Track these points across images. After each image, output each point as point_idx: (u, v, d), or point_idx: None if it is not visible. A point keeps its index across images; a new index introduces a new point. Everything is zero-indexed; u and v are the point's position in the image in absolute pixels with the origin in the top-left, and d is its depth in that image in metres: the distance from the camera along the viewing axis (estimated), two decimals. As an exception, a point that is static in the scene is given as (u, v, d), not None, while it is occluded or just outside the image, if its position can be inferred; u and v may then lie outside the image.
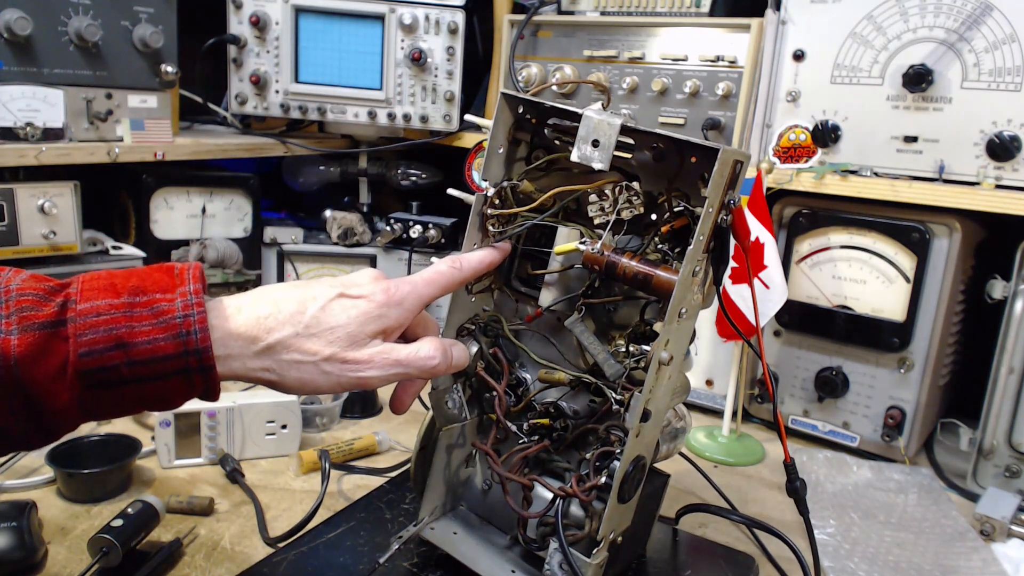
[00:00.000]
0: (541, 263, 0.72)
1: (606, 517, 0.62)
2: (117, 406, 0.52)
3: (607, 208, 0.66)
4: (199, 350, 0.51)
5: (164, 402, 0.53)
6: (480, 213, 0.67)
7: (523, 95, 0.67)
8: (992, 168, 0.98)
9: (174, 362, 0.51)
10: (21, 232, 1.02)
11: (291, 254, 1.37)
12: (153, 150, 1.14)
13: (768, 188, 1.05)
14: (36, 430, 0.51)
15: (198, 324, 0.51)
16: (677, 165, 0.64)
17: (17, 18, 0.97)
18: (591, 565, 0.62)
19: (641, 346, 0.66)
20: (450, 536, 0.74)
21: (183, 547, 0.77)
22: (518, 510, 0.69)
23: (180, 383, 0.52)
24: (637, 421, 0.60)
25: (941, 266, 1.02)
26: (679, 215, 0.64)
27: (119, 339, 0.50)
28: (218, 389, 0.54)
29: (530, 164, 0.70)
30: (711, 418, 1.21)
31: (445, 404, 0.70)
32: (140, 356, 0.50)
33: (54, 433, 0.52)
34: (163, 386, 0.52)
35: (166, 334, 0.51)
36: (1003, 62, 0.96)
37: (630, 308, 0.70)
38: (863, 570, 0.81)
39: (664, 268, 0.62)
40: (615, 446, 0.65)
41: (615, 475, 0.61)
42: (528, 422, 0.71)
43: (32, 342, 0.49)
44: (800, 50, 1.09)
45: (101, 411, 0.52)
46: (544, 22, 1.30)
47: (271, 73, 1.32)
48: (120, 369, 0.50)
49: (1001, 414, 0.99)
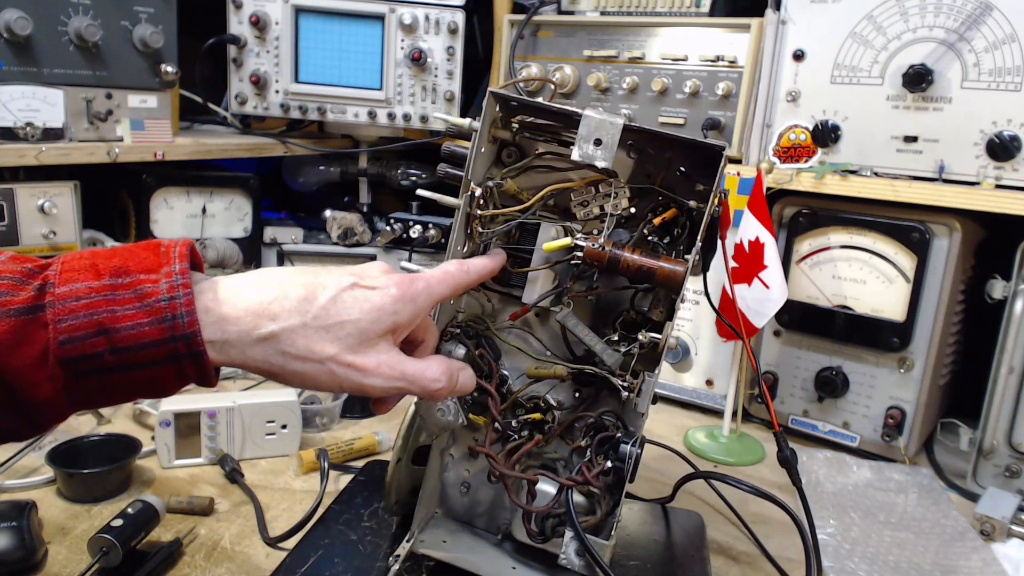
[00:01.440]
0: (521, 261, 0.72)
1: (621, 499, 0.65)
2: (106, 395, 0.49)
3: (592, 204, 0.68)
4: (186, 335, 0.47)
5: (156, 390, 0.50)
6: (467, 213, 0.68)
7: (511, 93, 0.67)
8: (992, 168, 0.98)
9: (161, 348, 0.47)
10: (21, 232, 1.02)
11: (291, 254, 1.37)
12: (153, 150, 1.14)
13: (768, 188, 1.05)
14: (22, 422, 0.48)
15: (184, 307, 0.48)
16: (663, 161, 0.67)
17: (17, 18, 0.97)
18: (608, 547, 0.65)
19: (635, 334, 0.68)
20: (441, 545, 0.74)
21: (183, 547, 0.77)
22: (523, 506, 0.69)
23: (170, 371, 0.48)
24: (649, 403, 0.64)
25: (941, 266, 1.02)
26: (667, 208, 0.67)
27: (100, 324, 0.46)
28: (211, 375, 0.50)
29: (502, 163, 0.71)
30: (711, 418, 1.21)
31: (437, 411, 0.69)
32: (124, 343, 0.47)
33: (41, 425, 0.49)
34: (152, 373, 0.48)
35: (150, 318, 0.47)
36: (1003, 62, 0.96)
37: (613, 298, 0.72)
38: (863, 570, 0.81)
39: (665, 259, 0.65)
40: (610, 431, 0.68)
41: (627, 457, 0.64)
42: (519, 418, 0.72)
43: (7, 329, 0.46)
44: (800, 50, 1.09)
45: (89, 400, 0.49)
46: (544, 22, 1.30)
47: (271, 73, 1.32)
48: (104, 357, 0.47)
49: (1001, 414, 0.99)
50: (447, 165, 0.69)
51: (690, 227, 0.68)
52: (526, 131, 0.68)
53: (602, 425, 0.70)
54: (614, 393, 0.69)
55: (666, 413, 1.22)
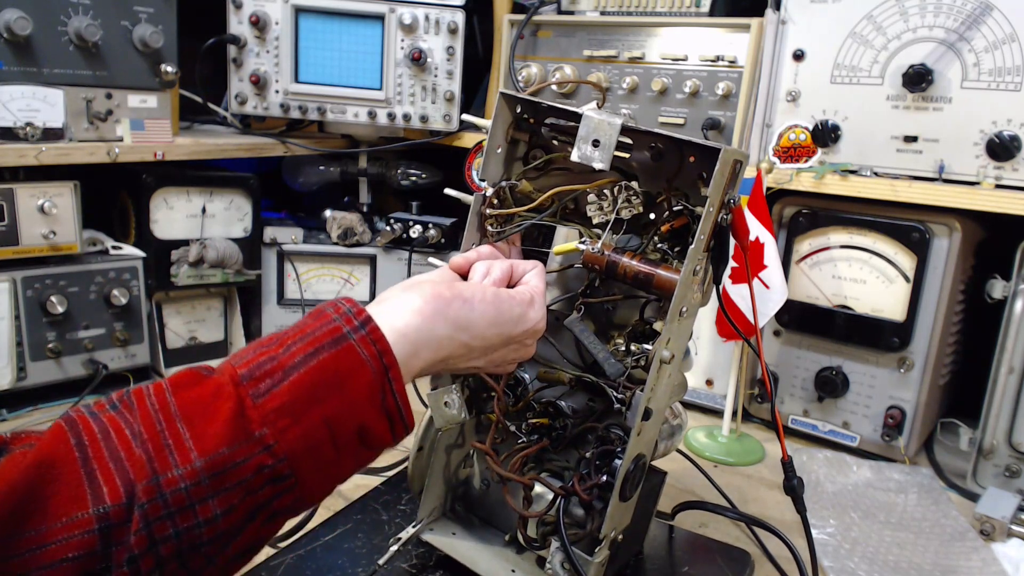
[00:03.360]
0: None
1: (608, 515, 0.62)
2: (288, 408, 0.46)
3: (606, 208, 0.66)
4: (348, 309, 0.50)
5: (336, 385, 0.47)
6: (478, 213, 0.67)
7: (522, 95, 0.67)
8: (992, 168, 0.98)
9: (328, 330, 0.49)
10: (21, 232, 1.02)
11: (291, 254, 1.37)
12: (153, 150, 1.13)
13: (768, 188, 1.05)
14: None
15: (357, 316, 0.50)
16: (676, 165, 0.64)
17: (17, 18, 0.97)
18: (593, 564, 0.63)
19: (642, 345, 0.67)
20: (449, 537, 0.74)
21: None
22: (519, 509, 0.69)
23: (344, 354, 0.48)
24: (639, 420, 0.60)
25: (941, 266, 1.02)
26: (678, 214, 0.64)
27: (268, 342, 0.49)
28: (392, 355, 0.50)
29: (527, 164, 0.70)
30: (711, 418, 1.21)
31: (444, 404, 0.70)
32: (292, 339, 0.48)
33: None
34: (327, 361, 0.47)
35: (317, 321, 0.50)
36: (1003, 62, 0.96)
37: (628, 307, 0.70)
38: (863, 570, 0.81)
39: (665, 267, 0.62)
40: (615, 444, 0.65)
41: (617, 474, 0.62)
42: (527, 421, 0.71)
43: (185, 375, 0.47)
44: (800, 50, 1.09)
45: (272, 424, 0.45)
46: (544, 22, 1.30)
47: (271, 73, 1.32)
48: (277, 358, 0.47)
49: (1001, 414, 0.99)
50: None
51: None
52: (543, 130, 0.66)
53: (608, 438, 0.68)
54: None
55: (666, 413, 1.22)
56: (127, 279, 1.13)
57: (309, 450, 0.46)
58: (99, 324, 1.11)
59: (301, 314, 1.23)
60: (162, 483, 0.42)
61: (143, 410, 0.45)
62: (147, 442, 0.43)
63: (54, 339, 1.06)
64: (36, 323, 1.05)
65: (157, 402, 0.45)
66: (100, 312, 1.11)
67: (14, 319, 1.02)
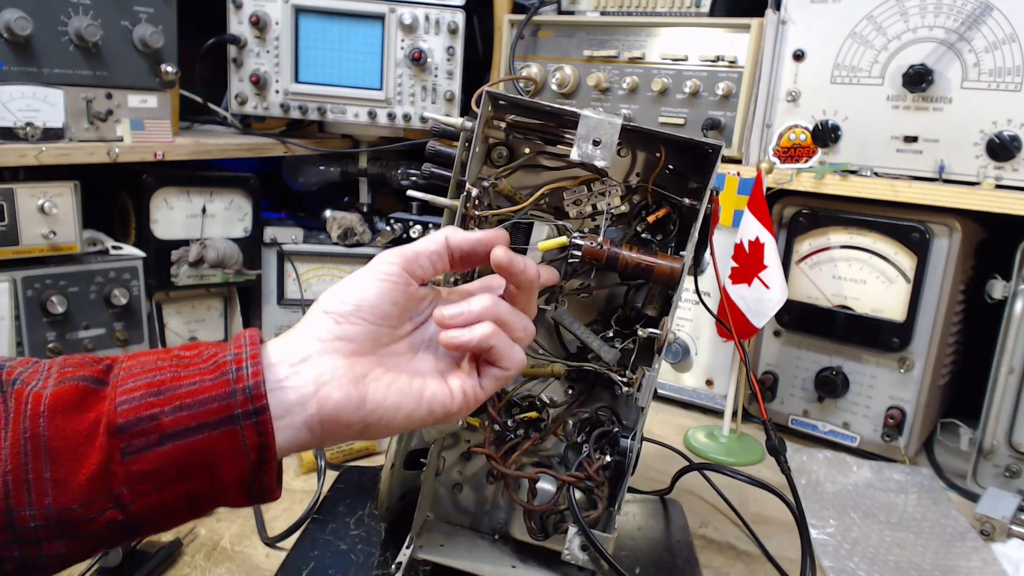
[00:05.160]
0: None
1: (623, 491, 0.66)
2: (154, 475, 0.45)
3: (586, 202, 0.69)
4: (248, 387, 0.46)
5: (208, 467, 0.46)
6: (463, 214, 0.68)
7: (510, 95, 0.67)
8: (992, 168, 0.98)
9: (219, 405, 0.46)
10: (21, 232, 1.02)
11: (291, 254, 1.37)
12: (153, 150, 1.13)
13: (768, 188, 1.05)
14: (46, 516, 0.44)
15: (250, 359, 0.47)
16: (654, 160, 0.68)
17: (17, 18, 0.97)
18: (611, 539, 0.66)
19: (635, 329, 0.69)
20: (440, 548, 0.74)
21: (183, 547, 0.77)
22: (525, 505, 0.70)
23: (226, 437, 0.46)
24: (650, 397, 0.65)
25: (941, 266, 1.02)
26: (661, 205, 0.69)
27: (160, 385, 0.46)
28: (274, 449, 0.47)
29: (491, 163, 0.71)
30: (711, 418, 1.21)
31: None
32: (181, 399, 0.45)
33: (69, 522, 0.45)
34: (206, 441, 0.45)
35: (214, 374, 0.46)
36: (1003, 62, 0.96)
37: (599, 296, 0.73)
38: (863, 570, 0.81)
39: (661, 256, 0.66)
40: (607, 426, 0.69)
41: (628, 451, 0.66)
42: (515, 417, 0.72)
43: (68, 391, 0.45)
44: (800, 50, 1.09)
45: (134, 487, 0.45)
46: (544, 22, 1.30)
47: (271, 73, 1.32)
48: (159, 418, 0.45)
49: (1001, 414, 0.99)
50: (432, 165, 0.70)
51: (680, 224, 0.69)
52: (516, 131, 0.68)
53: (598, 421, 0.71)
54: (607, 388, 0.71)
55: (666, 413, 1.22)
56: (127, 279, 1.13)
57: (163, 516, 0.47)
58: (99, 324, 1.11)
59: (301, 314, 1.23)
60: (15, 518, 0.43)
61: (15, 428, 0.45)
62: (8, 474, 0.44)
63: (54, 339, 1.06)
64: (36, 323, 1.05)
65: (30, 426, 0.45)
66: (100, 312, 1.11)
67: (14, 319, 1.02)
